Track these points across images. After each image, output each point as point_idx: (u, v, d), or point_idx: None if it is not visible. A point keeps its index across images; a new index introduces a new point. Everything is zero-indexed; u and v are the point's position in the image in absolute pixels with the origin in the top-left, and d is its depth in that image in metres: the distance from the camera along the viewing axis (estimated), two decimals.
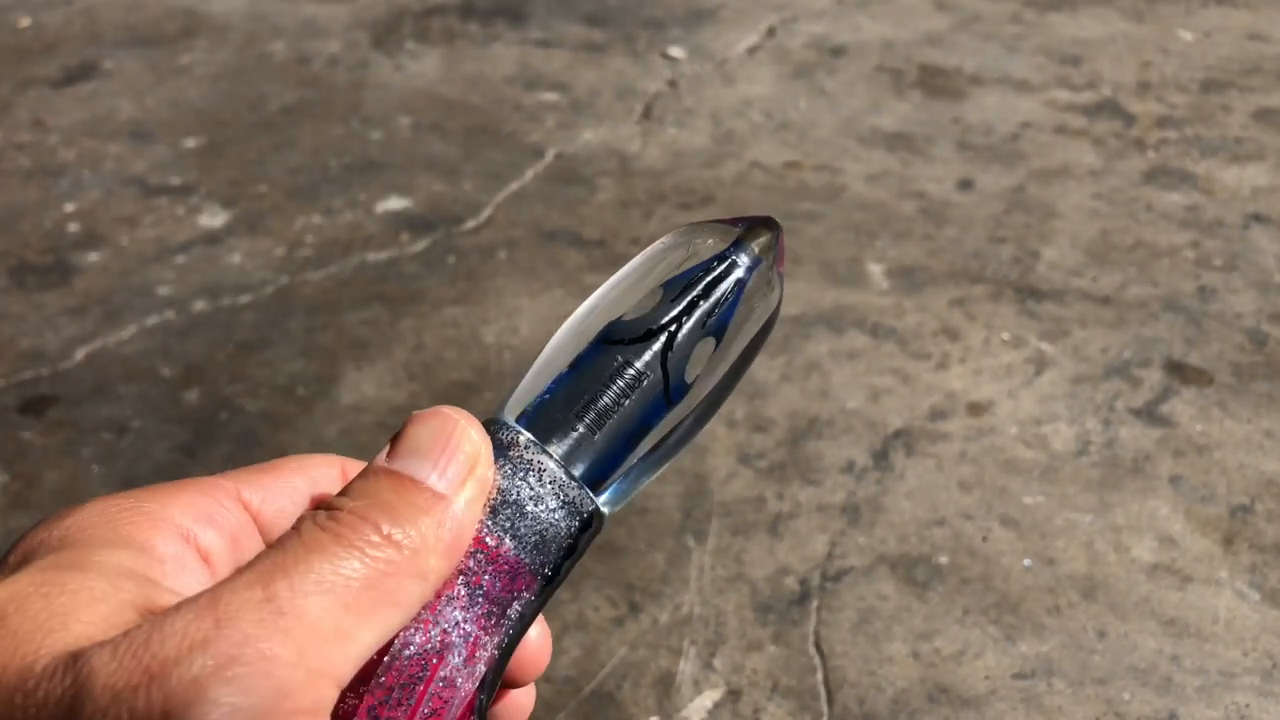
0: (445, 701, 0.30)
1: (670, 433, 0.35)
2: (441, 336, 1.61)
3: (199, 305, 1.69)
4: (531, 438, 0.33)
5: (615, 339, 0.35)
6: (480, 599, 0.31)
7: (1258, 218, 1.86)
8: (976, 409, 1.46)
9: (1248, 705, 1.09)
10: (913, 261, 1.75)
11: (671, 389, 0.35)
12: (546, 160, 2.05)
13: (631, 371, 0.34)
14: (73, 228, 1.88)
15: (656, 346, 0.35)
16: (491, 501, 0.32)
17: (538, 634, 0.36)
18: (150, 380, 1.54)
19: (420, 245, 1.82)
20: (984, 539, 1.28)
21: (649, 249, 0.37)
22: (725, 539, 1.28)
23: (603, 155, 2.06)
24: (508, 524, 0.32)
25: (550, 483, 0.33)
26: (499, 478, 0.33)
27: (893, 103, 2.23)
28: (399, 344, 1.59)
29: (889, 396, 1.48)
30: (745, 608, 1.20)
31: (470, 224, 1.87)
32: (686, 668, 1.14)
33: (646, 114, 2.21)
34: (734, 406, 1.46)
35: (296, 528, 0.30)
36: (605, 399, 0.34)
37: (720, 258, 0.36)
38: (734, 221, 0.37)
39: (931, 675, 1.13)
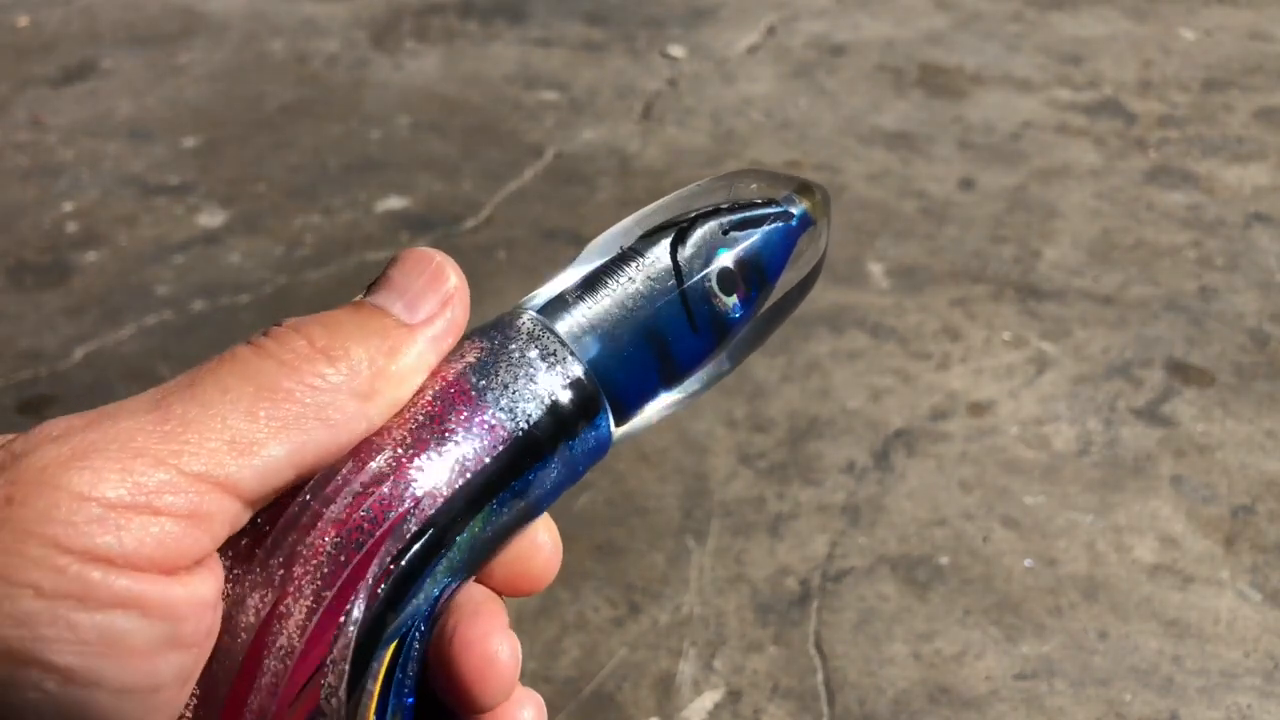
0: (398, 556, 0.28)
1: (693, 358, 0.34)
2: None
3: (198, 305, 1.68)
4: (535, 313, 0.32)
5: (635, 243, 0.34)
6: (449, 448, 0.29)
7: (1259, 217, 1.85)
8: (977, 409, 1.45)
9: (1249, 706, 1.09)
10: (913, 261, 1.74)
11: (687, 287, 0.33)
12: (546, 159, 2.05)
13: (632, 251, 0.33)
14: (71, 227, 1.88)
15: (666, 236, 0.33)
16: (479, 357, 0.30)
17: (547, 541, 0.32)
18: (149, 380, 1.54)
19: (420, 244, 1.81)
20: (985, 539, 1.27)
21: (689, 186, 0.36)
22: (725, 539, 1.28)
23: (602, 154, 2.06)
24: (489, 378, 0.30)
25: (537, 343, 0.31)
26: (486, 342, 0.31)
27: (893, 102, 2.23)
28: None
29: (890, 396, 1.47)
30: (745, 608, 1.20)
31: (470, 223, 1.87)
32: (686, 668, 1.14)
33: (646, 113, 2.20)
34: (734, 406, 1.45)
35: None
36: (599, 270, 0.33)
37: (772, 201, 0.34)
38: (780, 175, 0.36)
39: (932, 676, 1.12)
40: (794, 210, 0.35)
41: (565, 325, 0.32)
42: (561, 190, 1.95)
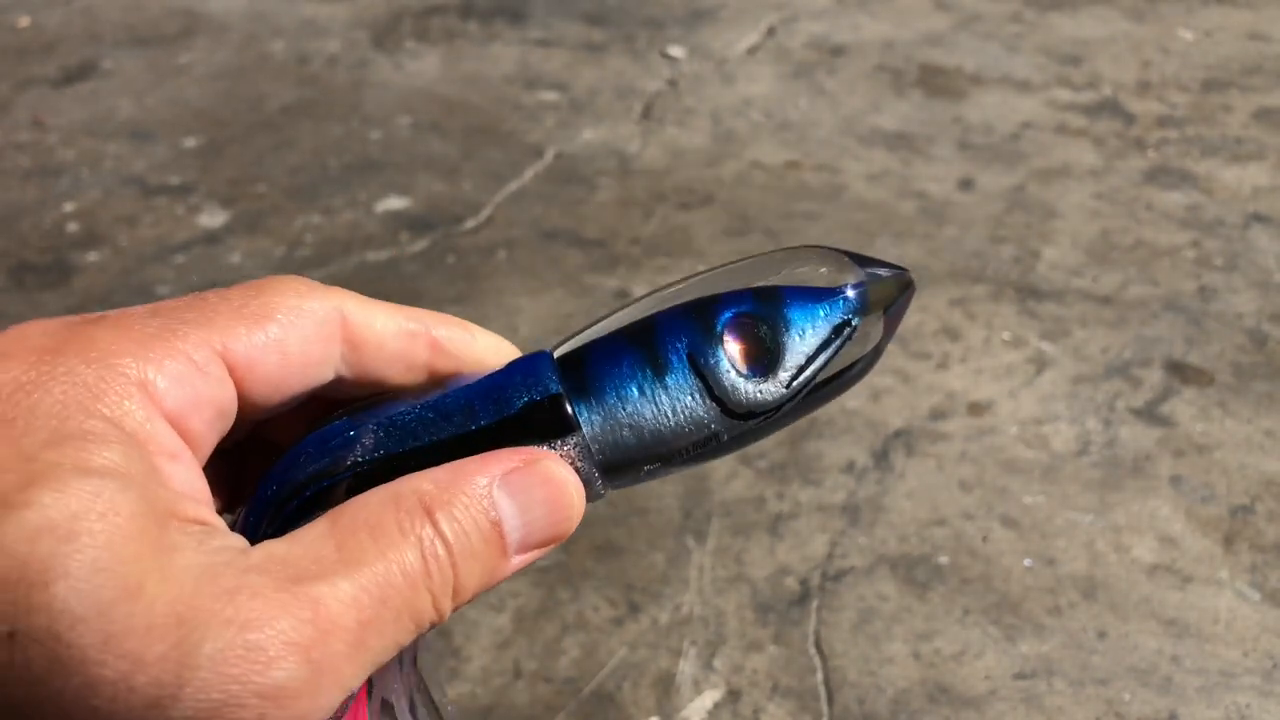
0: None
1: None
2: None
3: None
4: (595, 454, 0.33)
5: (721, 398, 0.33)
6: None
7: (1258, 217, 1.85)
8: (977, 409, 1.45)
9: (1248, 705, 1.09)
10: (913, 261, 1.75)
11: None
12: (546, 160, 2.05)
13: (709, 434, 0.33)
14: (72, 227, 1.88)
15: (752, 424, 0.33)
16: None
17: None
18: None
19: (420, 245, 1.82)
20: (984, 539, 1.27)
21: (761, 255, 0.35)
22: (725, 539, 1.28)
23: (602, 155, 2.06)
24: None
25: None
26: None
27: (893, 102, 2.23)
28: None
29: (889, 396, 1.48)
30: (745, 608, 1.20)
31: (470, 224, 1.87)
32: (686, 668, 1.14)
33: (646, 113, 2.21)
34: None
35: (402, 532, 0.29)
36: (678, 451, 0.33)
37: (844, 309, 0.33)
38: (864, 261, 0.34)
39: (932, 675, 1.13)
40: (844, 310, 0.34)
41: (616, 476, 0.34)
42: (562, 190, 1.95)
